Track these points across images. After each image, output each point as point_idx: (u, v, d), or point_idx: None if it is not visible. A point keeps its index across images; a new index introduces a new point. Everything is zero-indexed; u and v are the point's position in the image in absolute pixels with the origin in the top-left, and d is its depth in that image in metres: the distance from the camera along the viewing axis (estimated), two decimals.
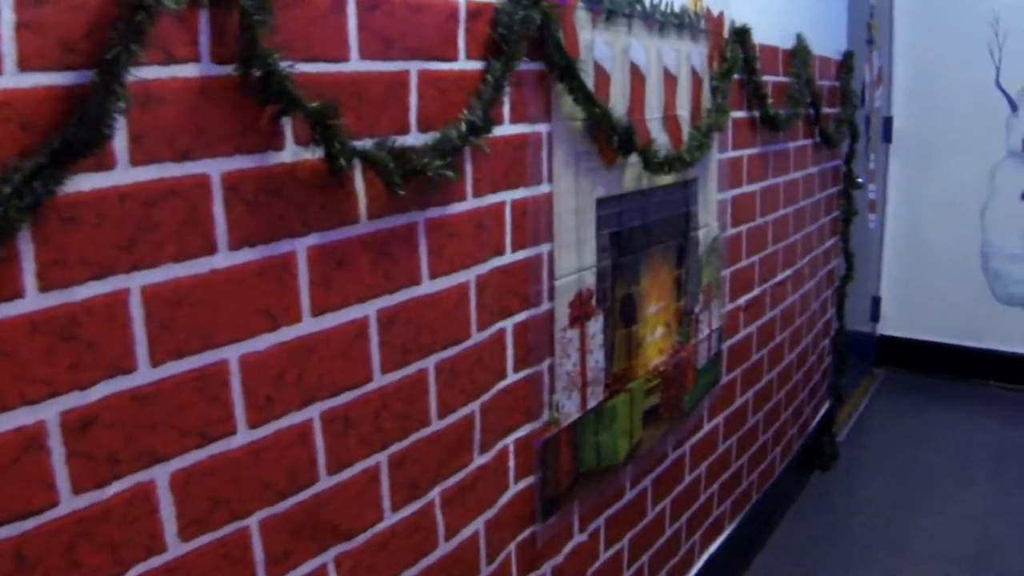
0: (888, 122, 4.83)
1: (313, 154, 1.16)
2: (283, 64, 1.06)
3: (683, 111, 2.15)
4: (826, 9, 3.42)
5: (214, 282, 1.06)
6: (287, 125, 1.14)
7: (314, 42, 1.16)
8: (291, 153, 1.15)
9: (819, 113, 3.22)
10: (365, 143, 1.24)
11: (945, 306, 4.89)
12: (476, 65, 1.46)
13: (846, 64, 3.57)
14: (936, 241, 4.87)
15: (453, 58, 1.42)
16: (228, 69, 1.05)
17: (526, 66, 1.58)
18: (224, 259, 1.07)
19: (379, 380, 1.34)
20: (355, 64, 1.24)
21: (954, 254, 4.80)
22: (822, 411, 3.90)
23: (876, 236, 4.89)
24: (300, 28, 1.14)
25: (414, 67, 1.34)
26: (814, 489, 3.69)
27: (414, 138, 1.35)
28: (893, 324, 5.09)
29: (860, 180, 3.87)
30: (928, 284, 4.92)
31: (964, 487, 3.67)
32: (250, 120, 1.08)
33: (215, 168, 1.05)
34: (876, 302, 5.03)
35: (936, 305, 4.92)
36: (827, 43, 3.39)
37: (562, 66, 1.61)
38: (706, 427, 2.62)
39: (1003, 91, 4.55)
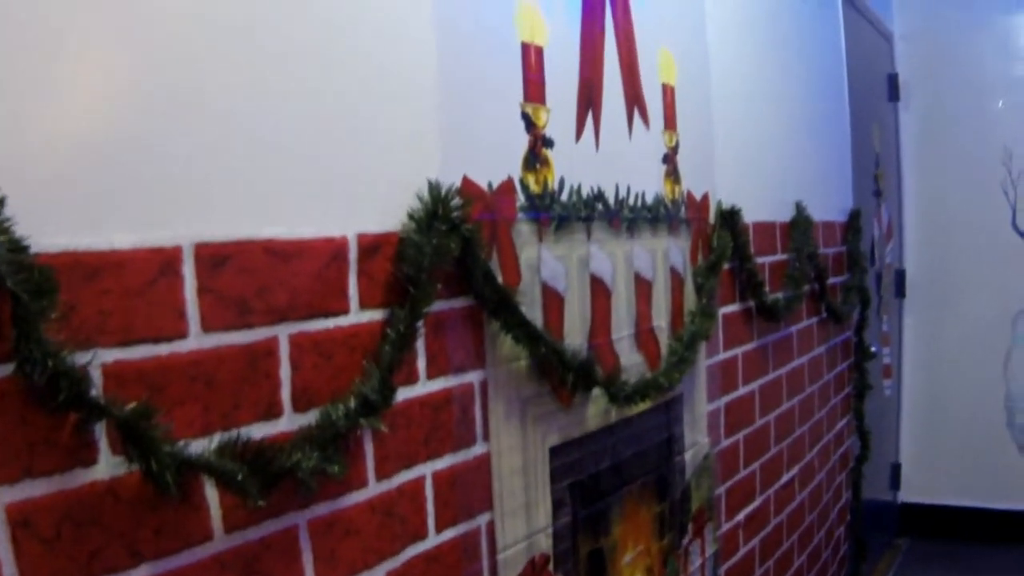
0: (901, 276, 4.52)
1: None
2: (80, 358, 0.81)
3: (660, 321, 1.82)
4: (828, 168, 3.15)
5: None
6: (101, 432, 0.86)
7: (135, 320, 0.89)
8: (108, 467, 0.87)
9: (824, 287, 2.90)
10: (213, 441, 0.95)
11: (970, 467, 4.51)
12: (375, 315, 1.15)
13: (852, 226, 3.28)
14: (957, 399, 4.52)
15: (341, 311, 1.11)
16: (9, 369, 0.78)
17: (448, 304, 1.27)
18: None
19: None
20: (197, 340, 0.96)
21: (976, 411, 4.45)
22: None
23: (893, 401, 4.53)
24: (114, 304, 0.87)
25: (284, 332, 1.04)
26: None
27: (288, 422, 1.05)
28: (915, 490, 4.69)
29: (873, 350, 3.52)
30: (950, 445, 4.56)
31: None
32: (45, 432, 0.82)
33: None
34: (896, 469, 4.65)
35: (960, 466, 4.54)
36: (831, 205, 3.11)
37: (495, 300, 1.29)
38: None
39: (1020, 233, 4.29)
